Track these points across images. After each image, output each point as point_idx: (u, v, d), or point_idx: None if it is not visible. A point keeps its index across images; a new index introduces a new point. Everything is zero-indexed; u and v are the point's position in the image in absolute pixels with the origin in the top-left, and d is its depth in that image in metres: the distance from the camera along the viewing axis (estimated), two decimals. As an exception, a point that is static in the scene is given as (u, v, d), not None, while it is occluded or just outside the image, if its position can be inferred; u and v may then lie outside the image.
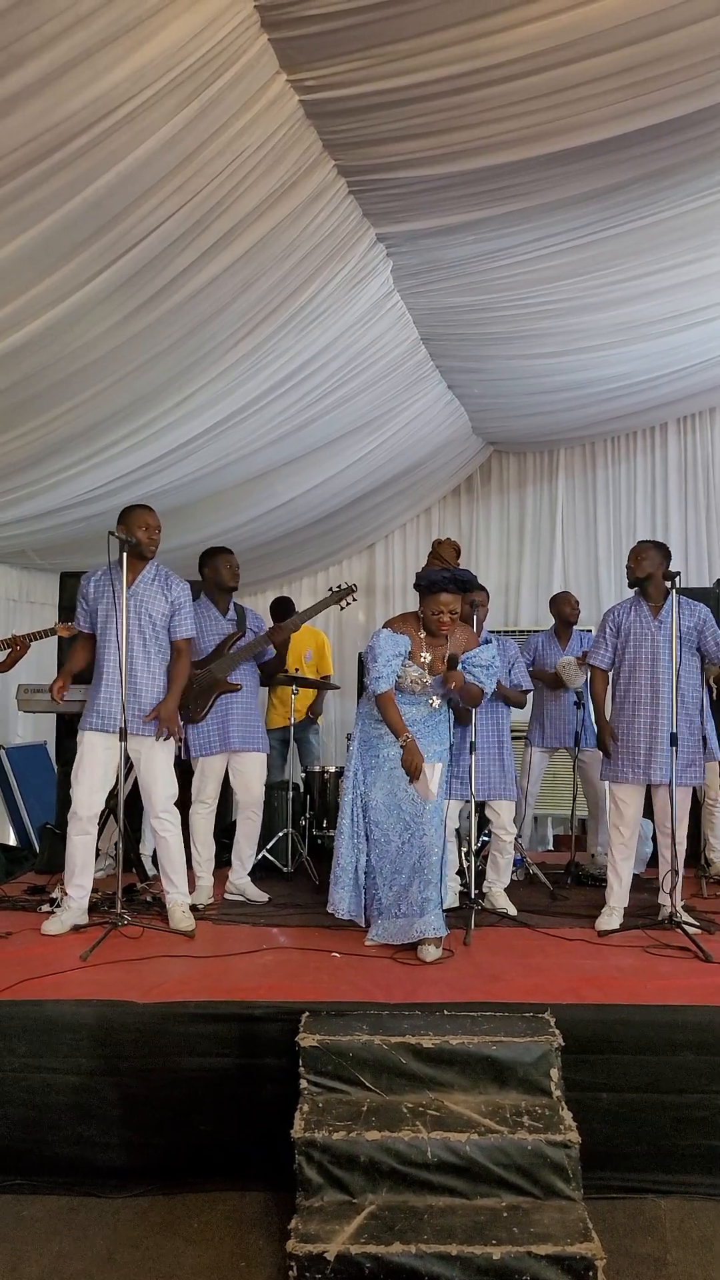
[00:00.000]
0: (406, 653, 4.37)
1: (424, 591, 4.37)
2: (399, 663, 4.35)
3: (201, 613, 5.25)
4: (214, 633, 5.26)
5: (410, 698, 4.42)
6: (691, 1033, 3.42)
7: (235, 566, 5.34)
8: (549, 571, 9.30)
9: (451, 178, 4.47)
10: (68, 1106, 3.37)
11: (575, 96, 3.92)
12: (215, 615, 5.30)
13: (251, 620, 5.41)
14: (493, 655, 4.51)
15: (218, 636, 5.26)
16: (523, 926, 4.81)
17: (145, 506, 4.70)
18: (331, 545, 9.44)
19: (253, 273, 4.70)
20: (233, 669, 5.21)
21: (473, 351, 6.83)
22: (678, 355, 7.25)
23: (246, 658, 5.27)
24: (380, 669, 4.31)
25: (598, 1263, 2.69)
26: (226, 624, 5.31)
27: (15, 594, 7.70)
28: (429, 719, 4.44)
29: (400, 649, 4.35)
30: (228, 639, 5.26)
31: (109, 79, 3.26)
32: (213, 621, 5.28)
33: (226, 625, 5.31)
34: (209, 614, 5.29)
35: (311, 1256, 2.69)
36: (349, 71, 3.73)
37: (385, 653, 4.31)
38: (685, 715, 4.66)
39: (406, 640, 4.38)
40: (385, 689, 4.32)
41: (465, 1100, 3.19)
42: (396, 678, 4.36)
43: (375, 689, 4.33)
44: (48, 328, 4.26)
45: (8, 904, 5.15)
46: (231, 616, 5.34)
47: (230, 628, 5.30)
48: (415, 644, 4.40)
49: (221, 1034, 3.42)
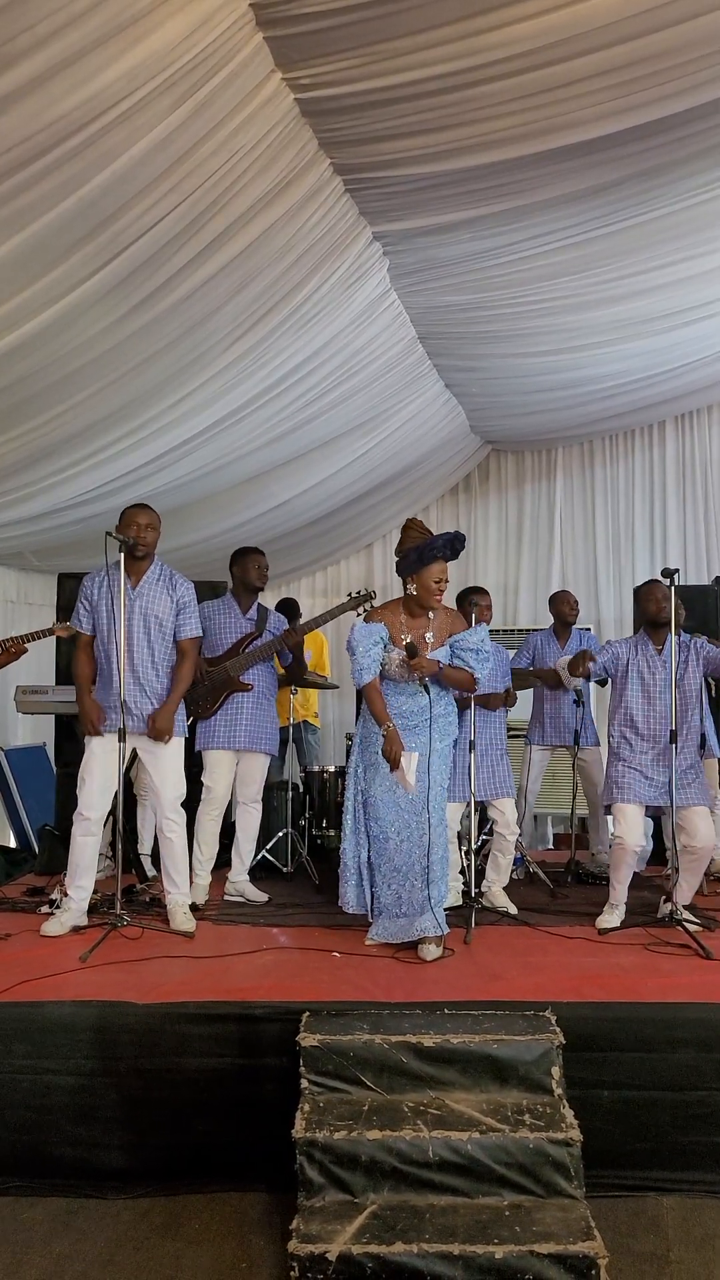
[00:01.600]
0: (386, 639, 4.36)
1: (415, 566, 4.30)
2: (379, 650, 4.34)
3: (224, 610, 5.27)
4: (233, 630, 5.27)
5: (403, 690, 4.39)
6: (693, 1030, 3.42)
7: (264, 567, 5.35)
8: (547, 570, 9.30)
9: (447, 175, 4.47)
10: (68, 1108, 3.36)
11: (569, 94, 3.92)
12: (236, 614, 5.31)
13: (272, 622, 5.41)
14: (482, 638, 4.43)
15: (236, 634, 5.26)
16: (523, 925, 4.80)
17: (138, 505, 4.69)
18: (329, 545, 9.44)
19: (248, 272, 4.69)
20: (246, 668, 5.21)
21: (470, 350, 6.83)
22: (674, 353, 7.25)
23: (261, 658, 5.27)
24: (360, 660, 4.31)
25: (600, 1261, 2.68)
26: (246, 623, 5.32)
27: (13, 595, 7.70)
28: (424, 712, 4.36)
29: (376, 636, 4.34)
30: (245, 638, 5.27)
31: (102, 78, 3.25)
32: (233, 619, 5.29)
33: (246, 624, 5.32)
34: (230, 612, 5.30)
35: (313, 1257, 2.69)
36: (344, 70, 3.72)
37: (362, 643, 4.31)
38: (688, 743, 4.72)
39: (382, 627, 4.36)
40: (368, 679, 4.32)
41: (466, 1099, 3.18)
42: (380, 665, 4.34)
43: (358, 681, 4.34)
44: (43, 329, 4.26)
45: (7, 906, 5.14)
46: (251, 616, 5.35)
47: (249, 627, 5.31)
48: (394, 629, 4.38)
49: (222, 1034, 3.41)
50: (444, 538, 4.31)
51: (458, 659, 4.38)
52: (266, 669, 5.35)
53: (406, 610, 4.41)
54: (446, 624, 4.43)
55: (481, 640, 4.42)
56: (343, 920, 4.62)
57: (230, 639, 5.25)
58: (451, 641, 4.39)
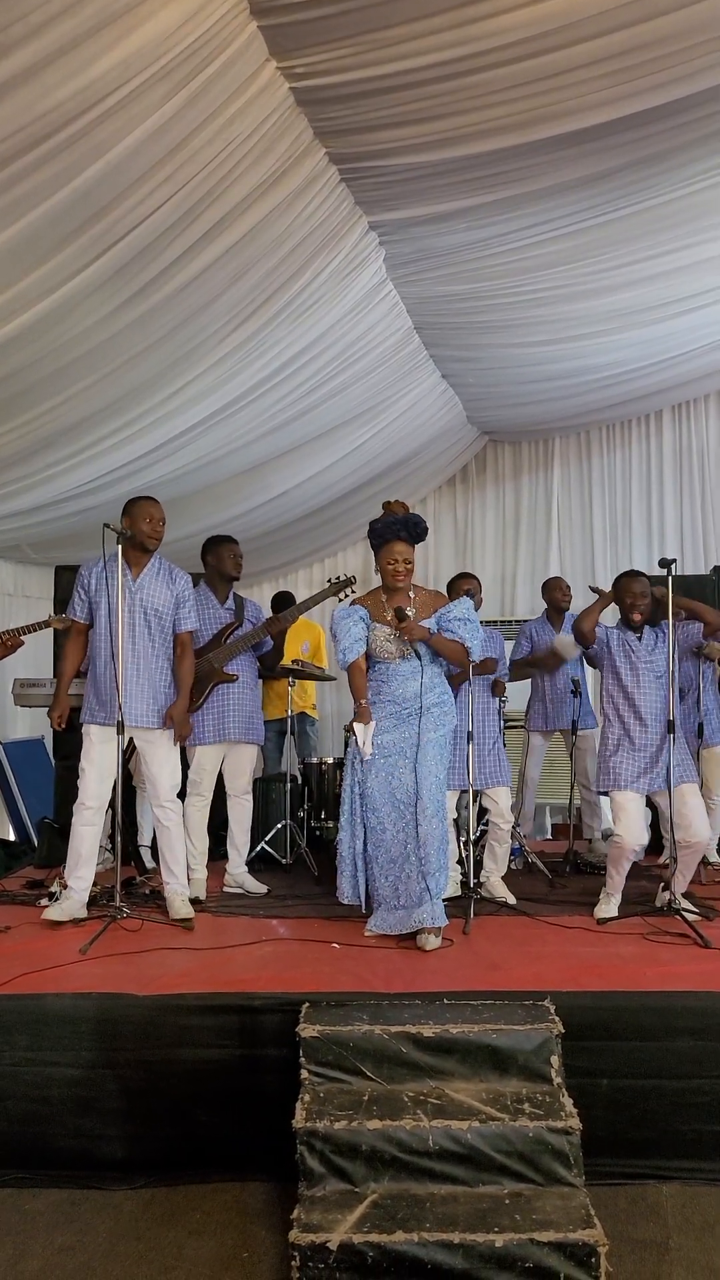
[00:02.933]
0: (368, 619, 4.42)
1: (377, 546, 4.45)
2: (360, 629, 4.42)
3: (200, 601, 5.24)
4: (212, 621, 5.25)
5: (396, 674, 4.38)
6: (691, 1018, 3.42)
7: (239, 556, 5.33)
8: (545, 561, 9.28)
9: (443, 164, 4.46)
10: (69, 1099, 3.37)
11: (566, 82, 3.91)
12: (214, 604, 5.29)
13: (250, 611, 5.40)
14: (467, 608, 4.48)
15: (215, 625, 5.25)
16: (522, 915, 4.81)
17: (149, 498, 4.69)
18: (326, 537, 9.42)
19: (244, 263, 4.68)
20: (229, 659, 5.20)
21: (466, 340, 6.82)
22: (671, 342, 7.24)
23: (244, 648, 5.26)
24: (342, 641, 4.40)
25: (600, 1249, 2.69)
26: (224, 613, 5.30)
27: (10, 588, 7.69)
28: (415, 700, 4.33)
29: (356, 617, 4.43)
30: (225, 628, 5.25)
31: (96, 68, 3.24)
32: (211, 610, 5.27)
33: (224, 615, 5.30)
34: (208, 603, 5.28)
35: (314, 1246, 2.69)
36: (339, 58, 3.71)
37: (341, 624, 4.42)
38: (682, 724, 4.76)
39: (360, 608, 4.47)
40: (352, 659, 4.41)
41: (466, 1088, 3.19)
42: (363, 645, 4.42)
43: (342, 661, 4.42)
44: (38, 320, 4.25)
45: (7, 898, 5.14)
46: (230, 606, 5.33)
47: (228, 617, 5.29)
48: (376, 607, 4.47)
49: (222, 1025, 3.41)
50: (400, 517, 4.44)
51: (447, 632, 4.41)
52: (249, 659, 5.34)
53: (386, 588, 4.49)
54: (430, 603, 4.49)
55: (467, 610, 4.47)
56: (341, 911, 4.63)
57: (211, 630, 5.23)
58: (438, 616, 4.42)
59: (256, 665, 5.42)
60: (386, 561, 4.42)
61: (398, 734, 4.34)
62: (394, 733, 4.35)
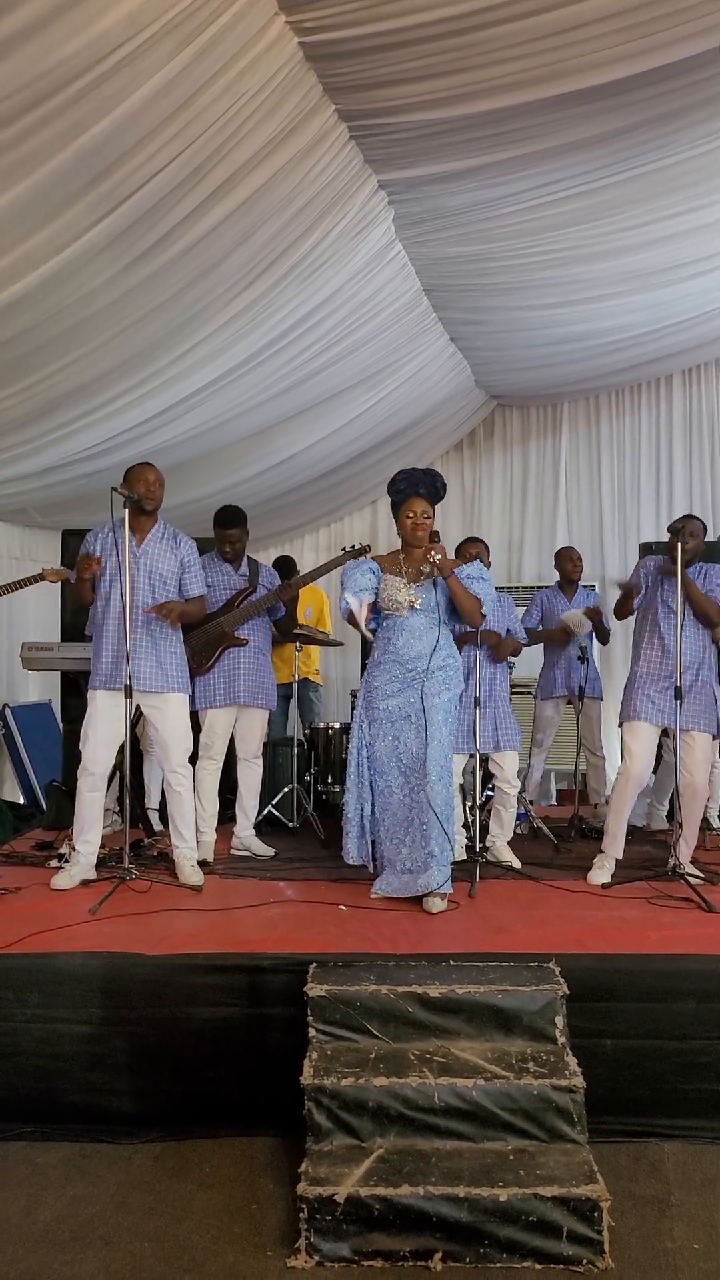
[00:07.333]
0: (378, 571, 4.43)
1: (396, 503, 4.49)
2: (369, 580, 4.41)
3: (214, 567, 5.26)
4: (225, 587, 5.27)
5: (405, 627, 4.36)
6: (694, 981, 3.46)
7: (233, 541, 5.32)
8: (552, 527, 9.24)
9: (454, 122, 4.38)
10: (79, 1056, 3.42)
11: (580, 37, 3.82)
12: (228, 570, 5.31)
13: (264, 576, 5.41)
14: (480, 568, 4.50)
15: (229, 591, 5.27)
16: (527, 879, 4.85)
17: (145, 463, 4.69)
18: (333, 502, 9.39)
19: (252, 222, 4.62)
20: (240, 623, 5.22)
21: (475, 303, 6.74)
22: (683, 305, 7.15)
23: (256, 613, 5.27)
24: (349, 587, 4.37)
25: (602, 1204, 2.74)
26: (239, 579, 5.32)
27: (17, 552, 7.67)
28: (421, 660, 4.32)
29: (365, 568, 4.44)
30: (239, 593, 5.27)
31: (103, 22, 3.18)
32: (224, 576, 5.29)
33: (239, 580, 5.32)
34: (221, 569, 5.30)
35: (322, 1199, 2.75)
36: (349, 12, 3.63)
37: (350, 574, 4.42)
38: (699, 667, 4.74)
39: (372, 563, 4.47)
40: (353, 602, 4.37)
41: (472, 1047, 3.23)
42: (371, 595, 4.38)
43: (344, 606, 4.38)
44: (44, 281, 4.20)
45: (16, 860, 5.19)
46: (244, 571, 5.34)
47: (242, 583, 5.31)
48: (391, 563, 4.46)
49: (230, 985, 3.46)
50: (420, 471, 4.47)
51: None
52: (262, 623, 5.35)
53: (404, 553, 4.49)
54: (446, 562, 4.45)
55: (480, 570, 4.49)
56: (348, 874, 4.66)
57: (223, 595, 5.25)
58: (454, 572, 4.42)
59: (270, 630, 5.43)
60: (406, 515, 4.41)
61: (402, 699, 4.33)
62: (399, 697, 4.35)
